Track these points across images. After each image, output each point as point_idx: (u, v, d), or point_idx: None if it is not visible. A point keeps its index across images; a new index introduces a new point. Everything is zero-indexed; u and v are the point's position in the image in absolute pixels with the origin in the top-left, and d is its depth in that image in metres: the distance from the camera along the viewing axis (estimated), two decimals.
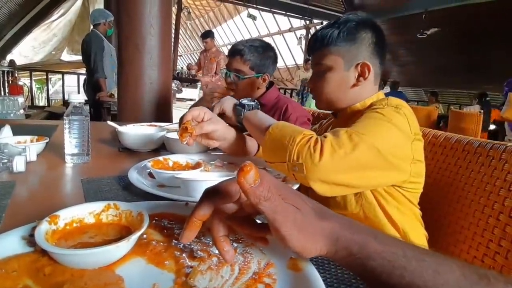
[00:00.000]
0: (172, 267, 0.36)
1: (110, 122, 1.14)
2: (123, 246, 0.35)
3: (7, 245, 0.37)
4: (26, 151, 0.79)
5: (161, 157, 0.78)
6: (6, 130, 0.96)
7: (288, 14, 8.96)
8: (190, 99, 4.38)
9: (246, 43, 1.31)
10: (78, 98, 0.82)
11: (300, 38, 9.25)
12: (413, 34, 7.18)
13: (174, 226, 0.44)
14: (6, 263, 0.34)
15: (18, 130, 0.98)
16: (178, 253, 0.39)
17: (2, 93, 5.22)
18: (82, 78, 4.59)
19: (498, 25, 6.15)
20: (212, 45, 4.46)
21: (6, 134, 0.94)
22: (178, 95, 4.24)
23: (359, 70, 0.81)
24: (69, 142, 0.82)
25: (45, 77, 6.26)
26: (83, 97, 0.85)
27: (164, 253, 0.39)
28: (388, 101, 0.76)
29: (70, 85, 6.17)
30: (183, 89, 4.44)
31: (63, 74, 6.07)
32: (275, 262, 0.38)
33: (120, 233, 0.41)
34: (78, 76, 5.75)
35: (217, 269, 0.36)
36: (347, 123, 0.71)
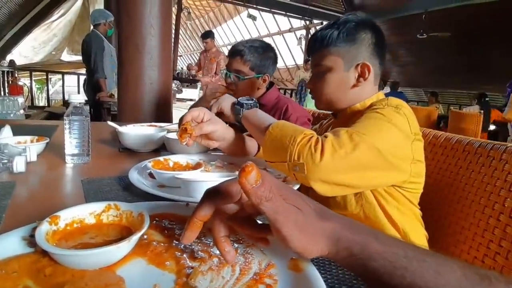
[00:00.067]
0: (173, 268, 0.36)
1: (110, 123, 1.14)
2: (124, 246, 0.35)
3: (8, 245, 0.37)
4: (26, 152, 0.79)
5: (161, 157, 0.78)
6: (6, 130, 0.96)
7: (288, 14, 8.96)
8: (190, 99, 4.38)
9: (246, 44, 1.31)
10: (78, 98, 0.82)
11: (300, 38, 9.24)
12: (413, 35, 7.18)
13: (174, 226, 0.44)
14: (6, 264, 0.34)
15: (18, 130, 0.98)
16: (179, 253, 0.39)
17: (2, 93, 5.21)
18: (82, 78, 4.59)
19: (498, 25, 6.15)
20: (212, 45, 4.47)
21: (6, 134, 0.94)
22: (178, 95, 4.25)
23: (359, 71, 0.81)
24: (69, 143, 0.82)
25: (45, 77, 6.25)
26: (83, 97, 0.85)
27: (165, 253, 0.39)
28: (388, 101, 0.76)
29: (70, 85, 6.16)
30: (183, 89, 4.44)
31: (63, 74, 6.07)
32: (276, 263, 0.38)
33: (120, 233, 0.41)
34: (78, 76, 5.75)
35: (218, 269, 0.36)
36: (347, 124, 0.71)
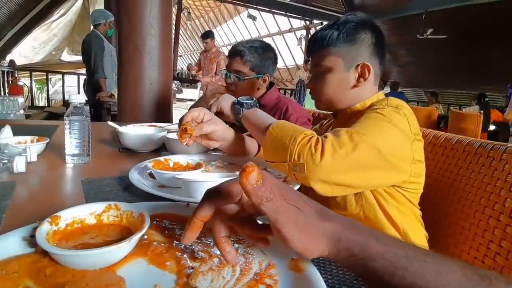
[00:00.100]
0: (173, 268, 0.36)
1: (110, 123, 1.14)
2: (125, 247, 0.35)
3: (8, 246, 0.37)
4: (26, 152, 0.79)
5: (161, 157, 0.78)
6: (7, 131, 0.96)
7: (288, 14, 8.97)
8: (190, 100, 4.38)
9: (246, 44, 1.31)
10: (78, 99, 0.82)
11: (300, 38, 9.24)
12: (413, 35, 7.18)
13: (175, 226, 0.44)
14: (6, 264, 0.34)
15: (18, 131, 0.98)
16: (179, 254, 0.39)
17: (2, 93, 5.21)
18: (82, 78, 4.59)
19: (498, 25, 6.16)
20: (212, 45, 4.47)
21: (6, 135, 0.94)
22: (178, 96, 4.25)
23: (359, 71, 0.81)
24: (69, 143, 0.82)
25: (45, 77, 6.25)
26: (84, 97, 0.85)
27: (165, 254, 0.39)
28: (388, 101, 0.76)
29: (70, 85, 6.16)
30: (183, 89, 4.44)
31: (63, 75, 6.07)
32: (277, 263, 0.38)
33: (121, 233, 0.41)
34: (78, 76, 5.75)
35: (218, 270, 0.36)
36: (347, 124, 0.71)
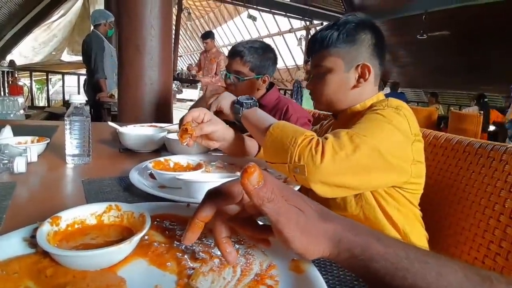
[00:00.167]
0: (174, 269, 0.36)
1: (111, 123, 1.14)
2: (125, 247, 0.35)
3: (8, 246, 0.37)
4: (27, 152, 0.79)
5: (162, 158, 0.78)
6: (7, 131, 0.96)
7: (288, 15, 8.97)
8: (190, 100, 4.38)
9: (246, 45, 1.31)
10: (79, 99, 0.82)
11: (300, 39, 9.24)
12: (413, 35, 7.18)
13: (175, 227, 0.44)
14: (7, 265, 0.34)
15: (18, 131, 0.98)
16: (180, 254, 0.39)
17: (2, 93, 5.21)
18: (82, 78, 4.59)
19: (497, 26, 6.16)
20: (212, 45, 4.47)
21: (6, 135, 0.94)
22: (178, 96, 4.24)
23: (359, 72, 0.81)
24: (70, 143, 0.82)
25: (45, 77, 6.25)
26: (84, 98, 0.85)
27: (166, 254, 0.39)
28: (388, 102, 0.76)
29: (70, 85, 6.17)
30: (183, 89, 4.43)
31: (63, 75, 6.07)
32: (277, 264, 0.38)
33: (121, 234, 0.41)
34: (78, 76, 5.75)
35: (219, 270, 0.36)
36: (348, 124, 0.71)
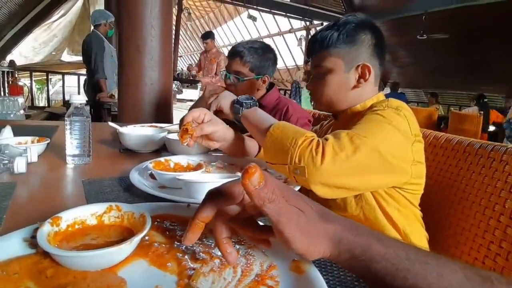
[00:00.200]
0: (174, 269, 0.36)
1: (111, 123, 1.14)
2: (126, 248, 0.35)
3: (9, 247, 0.37)
4: (27, 152, 0.79)
5: (162, 158, 0.78)
6: (7, 131, 0.96)
7: (288, 15, 8.97)
8: (190, 100, 4.37)
9: (246, 45, 1.31)
10: (79, 99, 0.82)
11: (300, 39, 9.24)
12: (413, 36, 7.18)
13: (176, 227, 0.44)
14: (7, 265, 0.34)
15: (18, 131, 0.98)
16: (180, 255, 0.39)
17: (2, 93, 5.21)
18: (83, 78, 4.59)
19: (497, 26, 6.16)
20: (212, 46, 4.48)
21: (7, 135, 0.94)
22: (179, 96, 4.24)
23: (360, 72, 0.81)
24: (70, 143, 0.82)
25: (45, 77, 6.26)
26: (84, 98, 0.85)
27: (166, 255, 0.39)
28: (388, 102, 0.76)
29: (70, 85, 6.17)
30: (183, 90, 4.43)
31: (63, 75, 6.07)
32: (278, 264, 0.38)
33: (122, 234, 0.41)
34: (79, 76, 5.75)
35: (219, 271, 0.36)
36: (348, 125, 0.71)
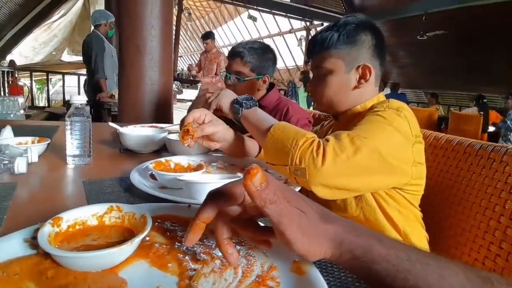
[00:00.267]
0: (175, 270, 0.36)
1: (111, 123, 1.14)
2: (127, 249, 0.35)
3: (9, 247, 0.37)
4: (27, 152, 0.79)
5: (162, 158, 0.78)
6: (7, 131, 0.96)
7: (288, 15, 8.98)
8: (190, 100, 4.37)
9: (246, 45, 1.31)
10: (80, 100, 0.82)
11: (300, 39, 9.25)
12: (413, 36, 7.19)
13: (177, 228, 0.44)
14: (8, 266, 0.34)
15: (19, 131, 0.98)
16: (181, 255, 0.39)
17: (2, 93, 5.22)
18: (83, 78, 4.60)
19: (497, 27, 6.16)
20: (212, 46, 4.48)
21: (7, 135, 0.94)
22: (179, 96, 4.25)
23: (360, 72, 0.81)
24: (70, 143, 0.82)
25: (45, 77, 6.26)
26: (85, 98, 0.85)
27: (167, 255, 0.39)
28: (389, 103, 0.76)
29: (71, 85, 6.17)
30: (184, 90, 4.44)
31: (64, 75, 6.07)
32: (279, 265, 0.38)
33: (122, 235, 0.41)
34: (79, 76, 5.76)
35: (220, 272, 0.36)
36: (348, 126, 0.71)
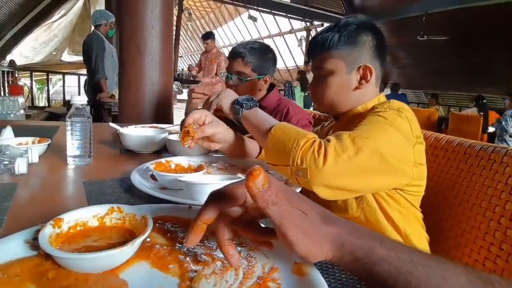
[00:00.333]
0: (176, 271, 0.36)
1: (112, 124, 1.14)
2: (128, 250, 0.35)
3: (10, 249, 0.37)
4: (28, 153, 0.79)
5: (163, 159, 0.78)
6: (8, 132, 0.95)
7: (288, 15, 8.98)
8: None
9: (246, 46, 1.31)
10: (80, 100, 0.82)
11: (300, 39, 9.25)
12: (413, 37, 7.19)
13: (177, 229, 0.44)
14: (8, 268, 0.34)
15: (19, 131, 0.98)
16: (182, 257, 0.39)
17: (2, 93, 5.21)
18: (83, 78, 4.60)
19: (497, 27, 6.16)
20: (212, 46, 4.48)
21: (7, 136, 0.94)
22: (179, 96, 4.25)
23: (361, 73, 0.81)
24: (71, 144, 0.82)
25: (45, 77, 6.26)
26: (86, 98, 0.85)
27: (168, 257, 0.39)
28: (390, 104, 0.76)
29: (71, 85, 6.17)
30: (184, 90, 4.44)
31: (64, 75, 6.07)
32: (280, 267, 0.38)
33: (123, 236, 0.41)
34: (79, 76, 5.76)
35: (221, 273, 0.36)
36: (349, 126, 0.71)
